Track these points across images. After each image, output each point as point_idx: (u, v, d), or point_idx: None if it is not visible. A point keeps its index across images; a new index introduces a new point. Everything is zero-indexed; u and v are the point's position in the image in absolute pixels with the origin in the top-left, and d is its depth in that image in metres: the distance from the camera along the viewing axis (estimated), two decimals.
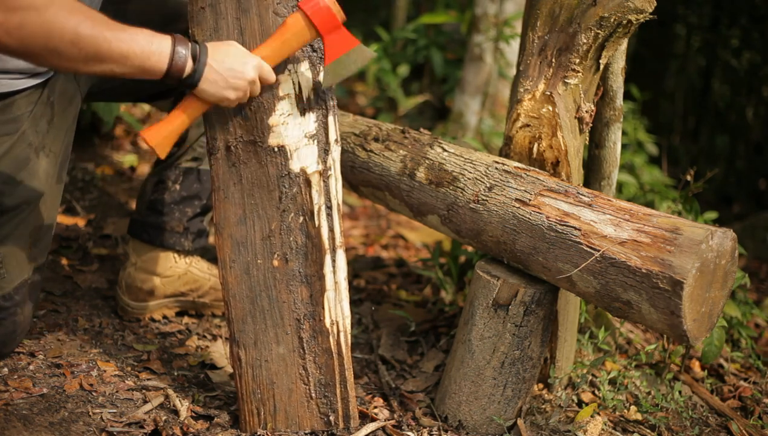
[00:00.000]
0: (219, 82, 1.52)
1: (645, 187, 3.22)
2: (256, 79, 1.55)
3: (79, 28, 1.36)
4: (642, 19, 1.70)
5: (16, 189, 1.63)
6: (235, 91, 1.54)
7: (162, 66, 1.46)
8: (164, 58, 1.46)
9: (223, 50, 1.54)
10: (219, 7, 1.60)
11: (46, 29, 1.33)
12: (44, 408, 1.62)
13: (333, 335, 1.70)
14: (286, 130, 1.64)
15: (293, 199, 1.66)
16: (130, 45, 1.42)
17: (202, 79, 1.51)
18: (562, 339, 1.91)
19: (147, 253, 2.07)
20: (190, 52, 1.49)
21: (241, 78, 1.53)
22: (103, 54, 1.39)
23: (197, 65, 1.49)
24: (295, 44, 1.58)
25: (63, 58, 1.37)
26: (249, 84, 1.55)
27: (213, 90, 1.53)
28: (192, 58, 1.49)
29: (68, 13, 1.35)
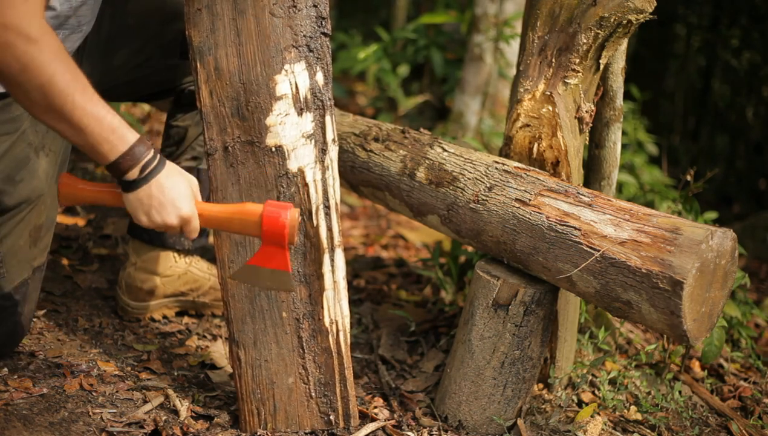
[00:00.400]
0: (143, 205, 1.47)
1: (645, 187, 3.22)
2: (175, 226, 1.50)
3: (55, 77, 1.33)
4: (642, 19, 1.70)
5: (16, 188, 1.63)
6: (149, 220, 1.48)
7: (110, 157, 1.42)
8: (115, 153, 1.42)
9: (173, 182, 1.48)
10: (215, 9, 1.60)
11: (24, 62, 1.30)
12: (44, 408, 1.62)
13: (332, 334, 1.70)
14: (284, 130, 1.64)
15: (291, 199, 1.66)
16: (92, 122, 1.38)
17: (134, 193, 1.46)
18: (562, 339, 1.91)
19: (147, 253, 2.07)
20: (142, 163, 1.44)
21: (161, 216, 1.47)
22: (64, 115, 1.36)
23: (140, 177, 1.45)
24: (237, 228, 1.52)
25: (26, 97, 1.34)
26: (162, 226, 1.49)
27: (133, 205, 1.48)
28: (140, 170, 1.44)
29: (52, 57, 1.32)
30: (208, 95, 1.62)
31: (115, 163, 1.43)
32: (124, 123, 1.43)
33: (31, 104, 1.36)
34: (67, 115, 1.36)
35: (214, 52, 1.61)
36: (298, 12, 1.64)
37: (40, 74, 1.32)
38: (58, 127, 1.39)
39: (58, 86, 1.34)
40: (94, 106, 1.39)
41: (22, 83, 1.32)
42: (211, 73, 1.61)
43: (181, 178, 1.51)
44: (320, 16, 1.66)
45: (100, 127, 1.40)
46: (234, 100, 1.62)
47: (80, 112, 1.37)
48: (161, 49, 1.90)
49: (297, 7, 1.64)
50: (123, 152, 1.42)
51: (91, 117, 1.38)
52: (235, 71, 1.62)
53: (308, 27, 1.65)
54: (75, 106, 1.36)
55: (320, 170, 1.68)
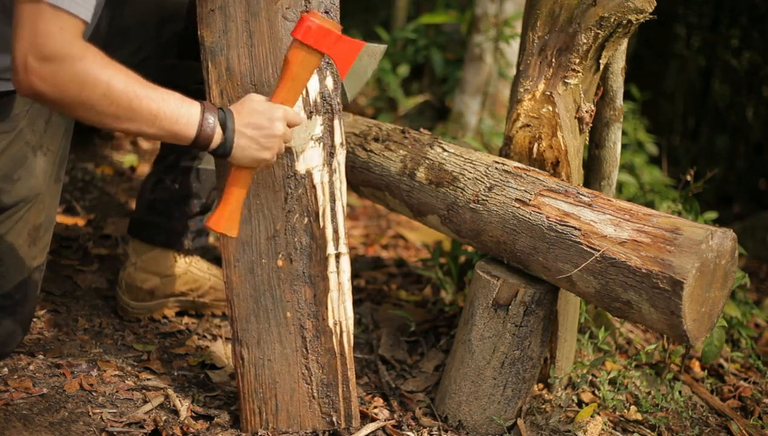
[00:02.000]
0: (252, 146, 1.49)
1: (645, 187, 3.22)
2: (286, 130, 1.52)
3: (112, 81, 1.35)
4: (642, 19, 1.70)
5: (14, 187, 1.63)
6: (269, 151, 1.50)
7: (190, 132, 1.44)
8: (193, 123, 1.44)
9: (248, 109, 1.50)
10: (228, 10, 1.61)
11: (81, 79, 1.32)
12: (44, 408, 1.62)
13: (336, 335, 1.70)
14: (293, 133, 1.65)
15: (298, 200, 1.67)
16: (160, 105, 1.40)
17: (234, 148, 1.48)
18: (562, 339, 1.91)
19: (147, 252, 2.07)
20: (218, 119, 1.47)
21: (271, 136, 1.50)
22: (134, 110, 1.38)
23: (226, 134, 1.47)
24: (305, 75, 1.54)
25: (95, 111, 1.36)
26: (281, 138, 1.51)
27: (248, 156, 1.49)
28: (221, 126, 1.47)
29: (101, 66, 1.35)
30: (218, 95, 1.62)
31: (200, 134, 1.45)
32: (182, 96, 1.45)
33: (101, 116, 1.38)
34: (137, 110, 1.39)
35: (226, 52, 1.62)
36: None
37: (97, 84, 1.34)
38: (134, 128, 1.40)
39: (118, 87, 1.36)
40: (155, 91, 1.41)
41: (85, 100, 1.34)
42: (222, 74, 1.62)
43: (247, 100, 1.52)
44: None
45: (170, 106, 1.42)
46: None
47: (147, 101, 1.39)
48: (159, 49, 1.90)
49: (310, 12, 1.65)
50: (199, 119, 1.44)
51: (158, 101, 1.41)
52: (247, 72, 1.62)
53: None
54: (141, 97, 1.38)
55: (328, 173, 1.69)
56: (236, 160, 1.50)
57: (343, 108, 1.72)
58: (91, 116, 1.38)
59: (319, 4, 1.67)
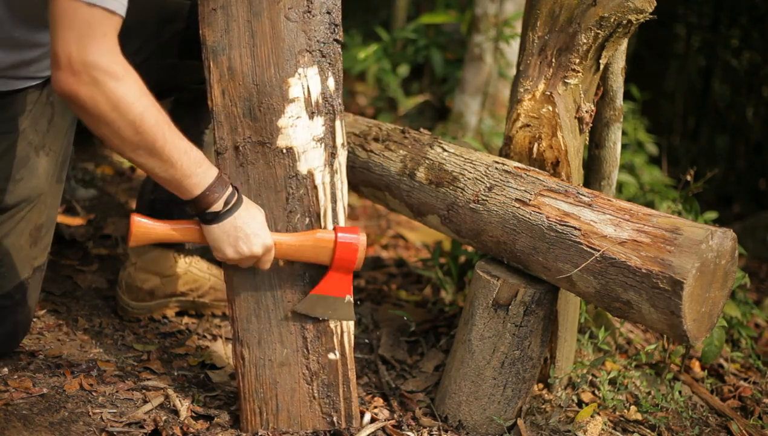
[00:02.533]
0: (230, 237, 1.52)
1: (645, 187, 3.22)
2: (258, 256, 1.55)
3: (145, 114, 1.35)
4: (642, 19, 1.71)
5: (16, 187, 1.63)
6: (235, 253, 1.54)
7: (195, 191, 1.47)
8: (202, 185, 1.47)
9: (252, 213, 1.54)
10: (230, 10, 1.61)
11: (115, 100, 1.32)
12: (44, 408, 1.62)
13: (337, 336, 1.70)
14: (295, 133, 1.65)
15: (300, 200, 1.67)
16: (181, 155, 1.42)
17: (218, 225, 1.51)
18: (562, 339, 1.91)
19: (147, 252, 2.07)
20: (226, 196, 1.50)
21: (248, 246, 1.53)
22: (156, 150, 1.39)
23: (225, 210, 1.50)
24: (308, 256, 1.61)
25: (118, 134, 1.36)
26: (249, 256, 1.55)
27: (220, 239, 1.52)
28: (224, 203, 1.50)
29: (140, 93, 1.35)
30: (220, 94, 1.63)
31: (202, 196, 1.47)
32: (204, 157, 1.48)
33: (121, 142, 1.37)
34: (159, 151, 1.39)
35: (228, 52, 1.62)
36: (312, 18, 1.66)
37: (130, 111, 1.33)
38: (147, 163, 1.41)
39: (149, 122, 1.36)
40: (181, 141, 1.42)
41: (113, 121, 1.34)
42: (224, 73, 1.62)
43: (258, 210, 1.57)
44: (333, 23, 1.68)
45: (188, 161, 1.43)
46: (246, 100, 1.63)
47: (171, 146, 1.40)
48: (160, 48, 1.90)
49: (311, 13, 1.66)
50: (209, 185, 1.47)
51: (180, 151, 1.42)
52: (249, 72, 1.63)
53: (322, 33, 1.67)
54: (166, 140, 1.39)
55: (329, 174, 1.69)
56: (209, 232, 1.53)
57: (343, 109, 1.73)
58: (112, 137, 1.37)
59: (321, 5, 1.67)
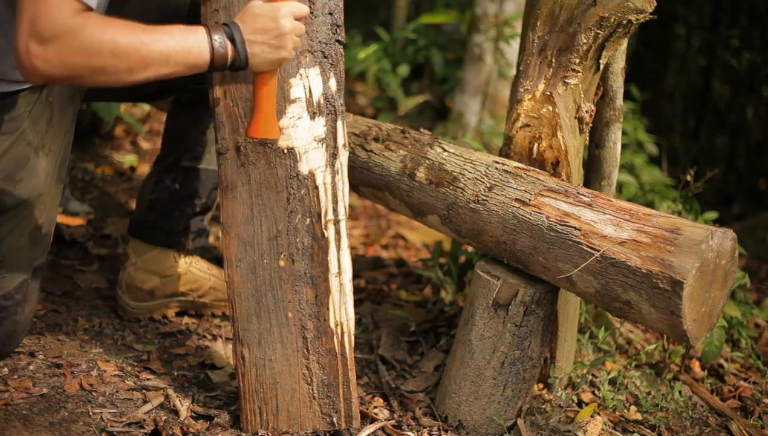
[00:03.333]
0: (266, 51, 1.49)
1: (645, 187, 3.22)
2: (294, 24, 1.51)
3: (117, 38, 1.34)
4: (642, 19, 1.71)
5: (16, 188, 1.63)
6: (284, 49, 1.50)
7: (204, 57, 1.45)
8: (204, 49, 1.44)
9: (251, 16, 1.49)
10: (233, 10, 1.61)
11: (86, 49, 1.32)
12: (44, 408, 1.62)
13: (337, 336, 1.70)
14: (296, 133, 1.65)
15: (301, 200, 1.67)
16: (168, 43, 1.40)
17: (249, 57, 1.48)
18: (562, 339, 1.91)
19: (147, 252, 2.07)
20: (226, 35, 1.47)
21: (281, 35, 1.49)
22: (145, 58, 1.38)
23: (237, 46, 1.47)
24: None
25: (108, 72, 1.36)
26: (291, 33, 1.50)
27: (265, 60, 1.50)
28: (230, 41, 1.47)
29: (103, 27, 1.34)
30: (221, 95, 1.63)
31: (215, 55, 1.45)
32: (184, 26, 1.45)
33: (116, 75, 1.37)
34: (147, 57, 1.38)
35: None
36: (314, 18, 1.66)
37: (103, 48, 1.33)
38: (151, 74, 1.40)
39: (123, 42, 1.35)
40: (159, 32, 1.41)
41: (95, 67, 1.34)
42: (225, 73, 1.62)
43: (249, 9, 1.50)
44: (335, 24, 1.68)
45: (177, 42, 1.41)
46: (248, 101, 1.63)
47: (155, 45, 1.39)
48: None
49: (314, 14, 1.66)
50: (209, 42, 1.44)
51: (165, 41, 1.40)
52: (250, 72, 1.62)
53: (323, 33, 1.67)
54: (148, 44, 1.38)
55: (330, 174, 1.69)
56: (255, 67, 1.50)
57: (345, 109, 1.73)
58: (106, 78, 1.37)
59: (323, 5, 1.67)
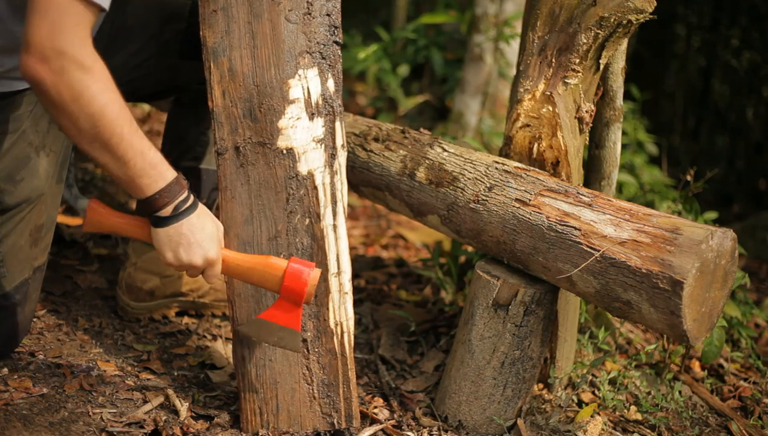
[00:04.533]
0: (172, 241, 1.49)
1: (645, 187, 3.22)
2: (199, 266, 1.51)
3: (106, 109, 1.34)
4: (642, 19, 1.71)
5: (17, 188, 1.63)
6: (174, 258, 1.50)
7: (147, 192, 1.44)
8: (153, 188, 1.44)
9: (202, 223, 1.50)
10: (231, 11, 1.61)
11: (77, 90, 1.31)
12: (44, 408, 1.62)
13: (337, 336, 1.70)
14: (295, 134, 1.66)
15: (300, 201, 1.67)
16: (136, 155, 1.40)
17: (164, 229, 1.48)
18: (562, 339, 1.91)
19: (147, 252, 2.07)
20: (177, 202, 1.47)
21: (188, 255, 1.49)
22: (110, 146, 1.37)
23: (172, 215, 1.47)
24: (256, 280, 1.55)
25: (73, 125, 1.34)
26: (187, 265, 1.51)
27: (162, 241, 1.49)
28: (174, 208, 1.46)
29: (104, 87, 1.34)
30: (220, 95, 1.63)
31: (151, 199, 1.45)
32: (163, 160, 1.45)
33: (77, 133, 1.36)
34: (113, 147, 1.37)
35: (229, 53, 1.62)
36: (312, 19, 1.66)
37: (91, 104, 1.32)
38: (101, 158, 1.39)
39: (108, 117, 1.34)
40: (139, 140, 1.40)
41: (72, 112, 1.32)
42: (224, 74, 1.62)
43: (211, 222, 1.53)
44: (333, 24, 1.69)
45: (142, 162, 1.41)
46: (247, 101, 1.63)
47: (126, 145, 1.38)
48: (160, 49, 1.90)
49: (311, 15, 1.66)
50: (161, 189, 1.44)
51: (136, 151, 1.40)
52: (249, 73, 1.63)
53: (321, 34, 1.67)
54: (122, 138, 1.37)
55: (329, 174, 1.69)
56: (154, 234, 1.50)
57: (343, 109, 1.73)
58: (70, 127, 1.35)
59: (321, 7, 1.67)
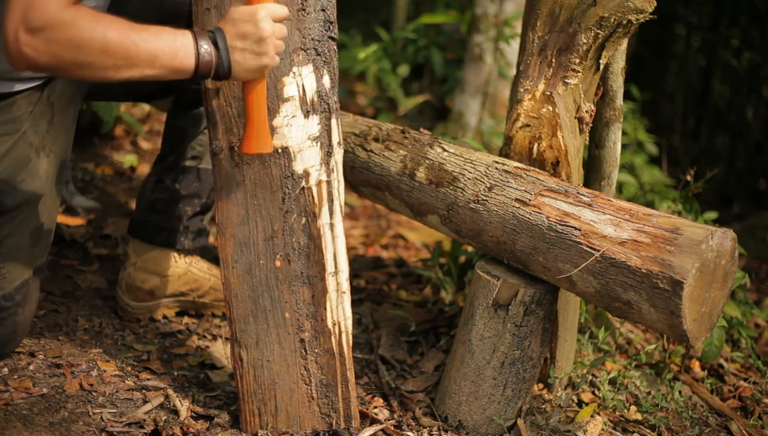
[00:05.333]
0: (247, 57, 1.45)
1: (645, 187, 3.22)
2: (275, 27, 1.47)
3: (107, 35, 1.34)
4: (642, 19, 1.71)
5: (17, 189, 1.63)
6: (266, 55, 1.46)
7: (190, 62, 1.42)
8: (190, 54, 1.42)
9: (231, 21, 1.46)
10: (224, 9, 1.60)
11: (75, 42, 1.31)
12: (44, 408, 1.62)
13: (335, 336, 1.70)
14: (290, 132, 1.65)
15: (296, 200, 1.66)
16: (156, 44, 1.39)
17: (232, 64, 1.45)
18: (562, 339, 1.91)
19: (147, 252, 2.07)
20: (211, 41, 1.45)
21: (261, 39, 1.45)
22: (132, 57, 1.37)
23: (221, 53, 1.44)
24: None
25: (94, 68, 1.35)
26: (272, 37, 1.47)
27: (248, 67, 1.46)
28: (214, 47, 1.44)
29: (94, 22, 1.34)
30: (214, 95, 1.62)
31: (200, 62, 1.42)
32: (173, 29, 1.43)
33: (101, 71, 1.36)
34: (135, 56, 1.37)
35: None
36: (306, 15, 1.65)
37: (93, 43, 1.32)
38: (136, 74, 1.39)
39: (114, 39, 1.34)
40: (147, 32, 1.39)
41: (82, 61, 1.33)
42: None
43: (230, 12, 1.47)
44: (328, 20, 1.67)
45: (165, 43, 1.40)
46: (241, 100, 1.62)
47: (143, 44, 1.37)
48: None
49: (306, 11, 1.65)
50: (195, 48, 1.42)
51: (153, 41, 1.39)
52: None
53: (316, 30, 1.66)
54: (137, 43, 1.37)
55: (325, 172, 1.68)
56: (238, 75, 1.47)
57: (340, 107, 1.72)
58: (92, 73, 1.36)
59: (315, 2, 1.66)
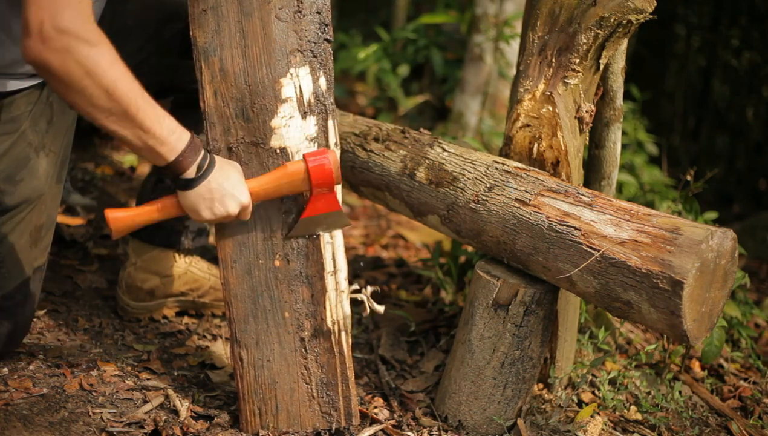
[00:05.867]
0: (206, 200, 1.51)
1: (645, 187, 3.22)
2: (235, 214, 1.55)
3: (118, 81, 1.35)
4: (642, 19, 1.71)
5: (17, 188, 1.63)
6: (212, 214, 1.53)
7: (169, 157, 1.46)
8: (175, 151, 1.46)
9: (226, 172, 1.53)
10: (221, 10, 1.61)
11: (90, 66, 1.32)
12: (44, 408, 1.62)
13: (334, 335, 1.70)
14: (288, 133, 1.65)
15: (295, 200, 1.67)
16: (154, 123, 1.42)
17: (194, 190, 1.50)
18: (562, 339, 1.91)
19: (147, 252, 2.07)
20: (199, 160, 1.49)
21: (224, 207, 1.53)
22: (127, 116, 1.38)
23: (199, 174, 1.50)
24: (286, 191, 1.60)
25: (90, 101, 1.36)
26: (226, 215, 1.54)
27: (196, 203, 1.52)
28: (197, 168, 1.49)
29: (112, 61, 1.35)
30: (212, 96, 1.62)
31: (175, 163, 1.47)
32: (178, 124, 1.47)
33: (93, 108, 1.37)
34: (131, 117, 1.39)
35: (219, 53, 1.62)
36: (303, 17, 1.66)
37: (104, 77, 1.33)
38: (119, 130, 1.41)
39: (122, 89, 1.36)
40: (154, 109, 1.42)
41: (85, 88, 1.34)
42: (215, 74, 1.62)
43: (231, 167, 1.55)
44: (323, 22, 1.68)
45: (161, 129, 1.43)
46: (239, 101, 1.63)
47: (143, 114, 1.40)
48: (160, 48, 1.90)
49: (302, 13, 1.65)
50: (181, 151, 1.46)
51: (153, 119, 1.42)
52: (241, 73, 1.62)
53: (312, 32, 1.67)
54: (138, 108, 1.39)
55: None
56: (185, 198, 1.52)
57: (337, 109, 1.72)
58: (84, 104, 1.37)
59: (311, 4, 1.67)
